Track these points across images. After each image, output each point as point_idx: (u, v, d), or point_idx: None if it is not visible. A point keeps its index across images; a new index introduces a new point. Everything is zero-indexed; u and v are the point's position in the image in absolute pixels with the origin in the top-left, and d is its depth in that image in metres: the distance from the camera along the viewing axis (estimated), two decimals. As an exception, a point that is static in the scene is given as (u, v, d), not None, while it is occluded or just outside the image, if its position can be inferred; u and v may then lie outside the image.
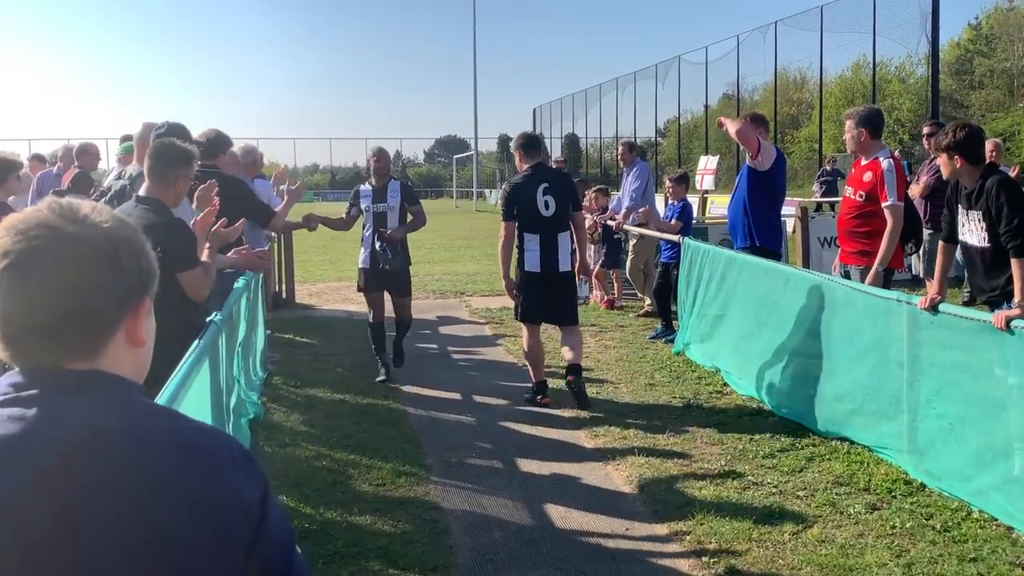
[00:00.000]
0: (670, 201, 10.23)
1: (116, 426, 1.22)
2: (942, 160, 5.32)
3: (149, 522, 1.17)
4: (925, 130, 9.96)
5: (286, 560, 1.34)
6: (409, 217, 8.06)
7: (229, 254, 5.20)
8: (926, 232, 9.08)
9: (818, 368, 6.22)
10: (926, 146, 9.98)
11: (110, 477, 1.18)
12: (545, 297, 7.06)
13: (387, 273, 7.81)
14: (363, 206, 7.89)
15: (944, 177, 5.57)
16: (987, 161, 5.30)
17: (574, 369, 6.99)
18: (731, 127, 7.72)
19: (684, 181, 10.27)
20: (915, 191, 9.57)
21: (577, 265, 7.51)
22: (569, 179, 7.70)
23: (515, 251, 7.21)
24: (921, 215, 9.11)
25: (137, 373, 1.36)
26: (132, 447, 1.21)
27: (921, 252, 9.20)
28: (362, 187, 8.03)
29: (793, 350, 6.60)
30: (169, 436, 1.25)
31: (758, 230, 7.58)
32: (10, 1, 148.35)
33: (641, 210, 10.51)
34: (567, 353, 7.07)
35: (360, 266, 8.07)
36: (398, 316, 8.14)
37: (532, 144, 7.37)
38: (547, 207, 7.01)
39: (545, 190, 7.02)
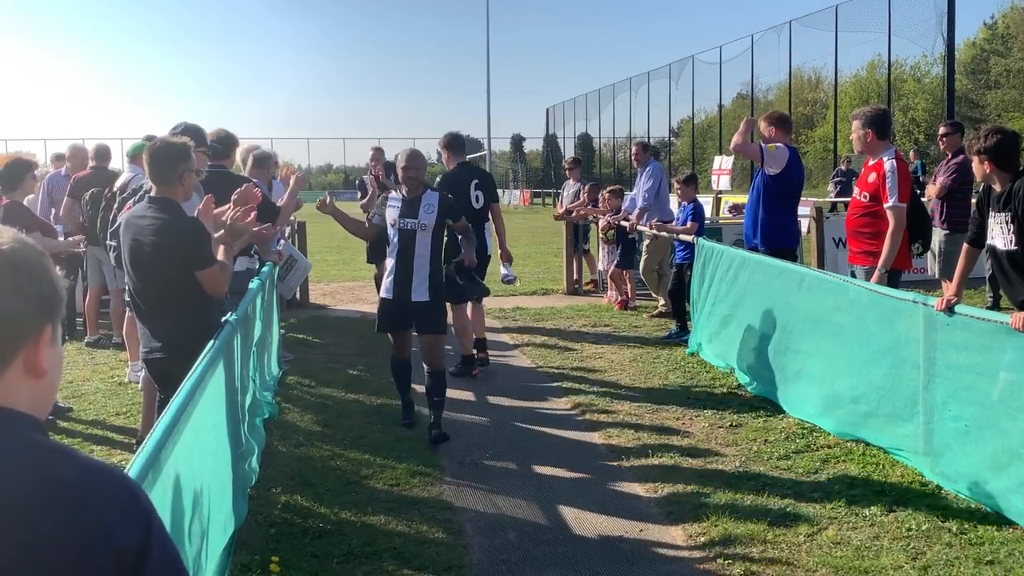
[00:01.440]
0: (681, 203, 10.21)
1: None
2: (974, 163, 5.27)
3: (4, 562, 1.13)
4: (941, 131, 9.89)
5: None
6: (445, 236, 6.71)
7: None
8: (943, 233, 9.03)
9: (833, 369, 6.19)
10: (941, 147, 9.91)
11: None
12: (472, 277, 7.82)
13: (417, 306, 6.28)
14: (389, 219, 6.37)
15: (977, 180, 5.52)
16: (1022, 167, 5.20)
17: (482, 344, 8.33)
18: (740, 135, 7.84)
19: (692, 182, 10.24)
20: (931, 192, 9.52)
21: (500, 252, 8.37)
22: (490, 176, 8.69)
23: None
24: (938, 216, 9.07)
25: (37, 405, 1.28)
26: None
27: (937, 252, 9.15)
28: (392, 194, 6.56)
29: (808, 351, 6.57)
30: (38, 475, 1.18)
31: (771, 231, 7.58)
32: (27, 1, 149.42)
33: (654, 223, 10.45)
34: (479, 328, 8.31)
35: (382, 295, 6.50)
36: (429, 360, 6.38)
37: (459, 144, 8.31)
38: (477, 200, 8.01)
39: (476, 186, 8.04)
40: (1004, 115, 35.37)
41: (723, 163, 17.30)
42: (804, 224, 11.82)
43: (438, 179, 8.27)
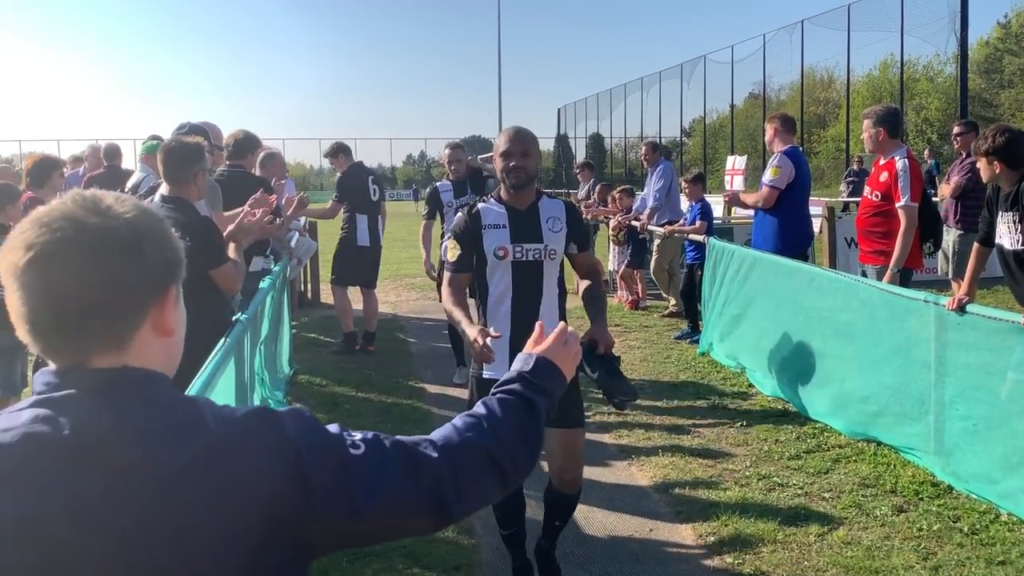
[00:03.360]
0: (690, 202, 10.19)
1: (139, 428, 1.21)
2: (981, 164, 5.26)
3: (170, 523, 1.17)
4: (955, 130, 9.83)
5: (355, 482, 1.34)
6: (576, 282, 4.34)
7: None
8: (956, 233, 8.98)
9: (843, 369, 6.18)
10: (955, 146, 9.86)
11: (129, 481, 1.17)
12: (367, 264, 9.02)
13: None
14: (490, 247, 3.86)
15: (984, 181, 5.51)
16: None
17: (370, 337, 9.12)
18: (750, 200, 7.93)
19: (700, 181, 10.21)
20: (945, 191, 9.46)
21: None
22: (382, 175, 9.56)
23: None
24: (951, 216, 9.02)
25: (168, 363, 1.34)
26: (152, 451, 1.19)
27: (951, 253, 9.10)
28: (483, 206, 3.95)
29: (818, 351, 6.56)
30: (190, 433, 1.23)
31: (784, 239, 7.55)
32: (40, 1, 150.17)
33: (665, 230, 10.44)
34: (369, 321, 9.16)
35: (487, 375, 3.81)
36: (565, 473, 3.96)
37: (346, 149, 9.25)
38: (375, 194, 9.07)
39: (372, 180, 9.07)
40: (1018, 114, 35.18)
41: (736, 163, 17.19)
42: (816, 224, 11.78)
43: (338, 175, 9.10)
